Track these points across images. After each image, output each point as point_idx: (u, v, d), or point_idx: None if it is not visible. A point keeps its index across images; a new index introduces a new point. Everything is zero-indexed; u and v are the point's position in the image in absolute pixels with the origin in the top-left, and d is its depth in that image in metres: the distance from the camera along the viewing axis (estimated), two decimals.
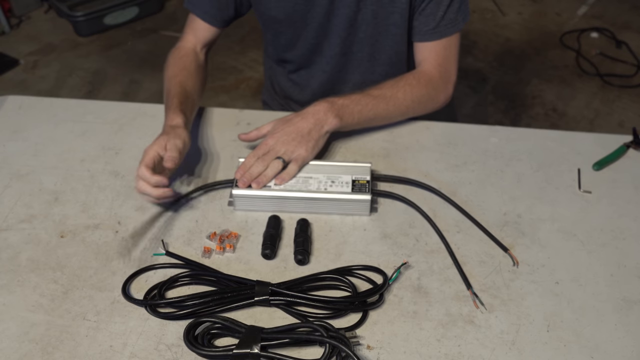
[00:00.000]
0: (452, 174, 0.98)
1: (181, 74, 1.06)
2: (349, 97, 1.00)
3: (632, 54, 2.75)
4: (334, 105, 0.97)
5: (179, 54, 1.11)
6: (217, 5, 1.10)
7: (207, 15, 1.12)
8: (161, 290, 0.78)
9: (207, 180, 0.96)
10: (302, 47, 1.15)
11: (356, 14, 1.08)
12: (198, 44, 1.14)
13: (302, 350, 0.72)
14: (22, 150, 1.02)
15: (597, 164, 1.00)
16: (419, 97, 1.06)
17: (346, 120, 0.98)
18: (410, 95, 1.05)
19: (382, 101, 1.02)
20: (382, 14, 1.07)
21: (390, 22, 1.08)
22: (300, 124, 0.95)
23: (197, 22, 1.13)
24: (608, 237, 0.88)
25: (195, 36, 1.14)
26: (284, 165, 0.92)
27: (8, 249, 0.85)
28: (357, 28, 1.10)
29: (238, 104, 2.42)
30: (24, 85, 2.57)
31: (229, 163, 1.00)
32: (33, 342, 0.73)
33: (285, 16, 1.10)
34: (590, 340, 0.74)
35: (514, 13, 3.11)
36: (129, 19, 2.98)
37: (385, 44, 1.12)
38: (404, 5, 1.06)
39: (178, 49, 1.13)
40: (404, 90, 1.04)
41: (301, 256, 0.82)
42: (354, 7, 1.06)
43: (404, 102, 1.04)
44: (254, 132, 0.99)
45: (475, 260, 0.84)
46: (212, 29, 1.14)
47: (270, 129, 0.97)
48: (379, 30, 1.10)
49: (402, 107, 1.04)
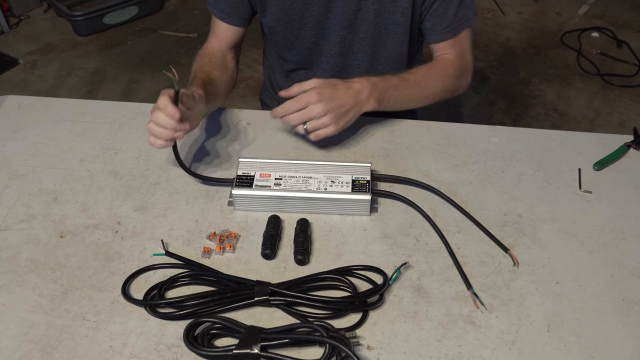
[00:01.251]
0: (452, 174, 0.98)
1: (207, 65, 1.07)
2: (388, 80, 1.01)
3: (633, 54, 2.75)
4: (376, 88, 0.99)
5: (204, 53, 1.12)
6: (233, 3, 1.10)
7: (225, 14, 1.12)
8: (161, 290, 0.78)
9: (207, 179, 0.96)
10: (300, 46, 1.15)
11: (356, 13, 1.08)
12: (222, 46, 1.14)
13: (302, 350, 0.72)
14: (21, 150, 1.02)
15: (598, 163, 0.99)
16: (449, 86, 1.10)
17: (384, 104, 1.01)
18: (442, 85, 1.08)
19: (416, 89, 1.05)
20: (384, 13, 1.07)
21: (392, 21, 1.08)
22: (345, 97, 0.95)
23: (217, 23, 1.14)
24: (608, 237, 0.88)
25: (217, 38, 1.14)
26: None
27: (7, 249, 0.85)
28: (357, 27, 1.10)
29: (238, 104, 2.42)
30: (23, 85, 2.57)
31: (229, 163, 0.99)
32: (32, 342, 0.73)
33: (283, 15, 1.10)
34: (591, 341, 0.74)
35: (515, 13, 3.11)
36: (128, 19, 2.98)
37: (387, 43, 1.12)
38: (406, 4, 1.06)
39: (203, 49, 1.14)
40: (436, 79, 1.08)
41: (301, 256, 0.82)
42: (354, 6, 1.06)
43: (434, 90, 1.08)
44: (295, 87, 0.96)
45: (476, 261, 0.84)
46: (233, 28, 1.13)
47: (317, 85, 0.95)
48: (380, 29, 1.10)
49: (431, 95, 1.08)
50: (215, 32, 1.15)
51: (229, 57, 1.15)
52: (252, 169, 0.92)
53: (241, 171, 0.92)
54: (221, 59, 1.12)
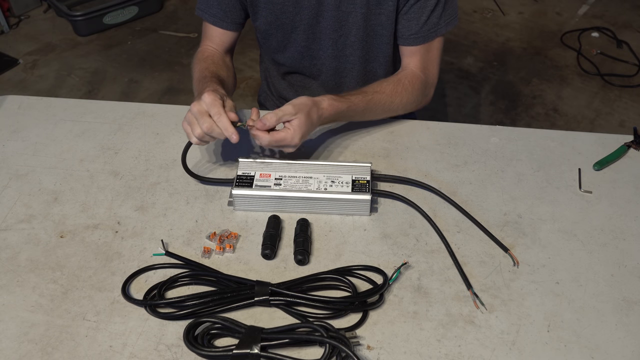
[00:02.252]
0: (452, 174, 0.98)
1: (213, 66, 1.06)
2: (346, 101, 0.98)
3: (633, 54, 2.75)
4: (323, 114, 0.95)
5: (203, 56, 1.11)
6: (225, 7, 1.10)
7: (217, 19, 1.11)
8: (161, 290, 0.78)
9: (207, 180, 0.96)
10: (292, 49, 1.15)
11: (347, 17, 1.07)
12: (218, 50, 1.14)
13: (302, 350, 0.72)
14: (21, 150, 1.02)
15: (598, 163, 0.99)
16: (411, 101, 1.07)
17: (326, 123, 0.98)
18: (406, 100, 1.06)
19: (375, 106, 1.02)
20: (371, 16, 1.07)
21: (378, 23, 1.08)
22: (310, 123, 0.92)
23: (210, 28, 1.13)
24: (608, 237, 0.88)
25: (212, 42, 1.14)
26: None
27: (7, 249, 0.85)
28: (348, 30, 1.10)
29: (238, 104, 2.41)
30: (23, 85, 2.57)
31: (228, 163, 0.99)
32: (32, 342, 0.73)
33: (275, 18, 1.09)
34: (591, 341, 0.74)
35: (515, 13, 3.11)
36: (128, 19, 2.98)
37: (376, 46, 1.12)
38: (390, 7, 1.06)
39: (200, 52, 1.13)
40: (401, 96, 1.05)
41: (301, 256, 0.82)
42: (344, 9, 1.06)
43: (395, 106, 1.05)
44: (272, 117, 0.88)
45: (476, 261, 0.84)
46: (226, 33, 1.13)
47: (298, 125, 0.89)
48: (368, 32, 1.10)
49: (391, 111, 1.06)
50: (210, 37, 1.14)
51: (227, 59, 1.15)
52: (252, 169, 0.92)
53: (241, 171, 0.92)
54: (222, 59, 1.12)
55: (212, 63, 1.08)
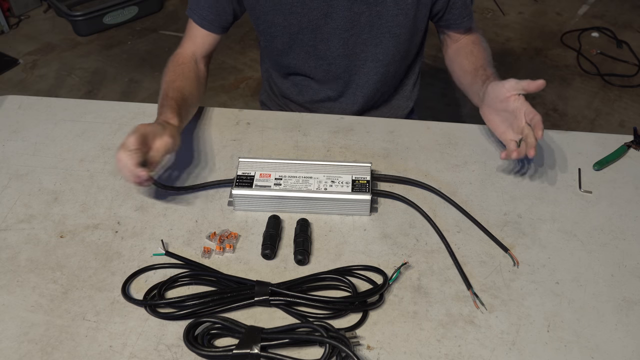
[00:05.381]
0: (452, 174, 0.98)
1: (179, 80, 1.05)
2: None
3: (633, 54, 2.75)
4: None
5: (177, 61, 1.10)
6: (216, 10, 1.10)
7: (206, 21, 1.11)
8: (161, 290, 0.78)
9: (207, 180, 0.96)
10: (299, 50, 1.14)
11: (359, 16, 1.07)
12: (197, 52, 1.13)
13: (302, 350, 0.72)
14: (21, 150, 1.02)
15: (598, 163, 0.99)
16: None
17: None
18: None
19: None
20: (386, 15, 1.07)
21: (395, 23, 1.08)
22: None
23: (195, 29, 1.12)
24: (608, 237, 0.88)
25: (194, 44, 1.13)
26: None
27: (7, 249, 0.85)
28: (360, 30, 1.09)
29: (238, 104, 2.42)
30: (23, 85, 2.57)
31: (228, 163, 1.00)
32: (32, 342, 0.73)
33: (282, 19, 1.09)
34: (591, 341, 0.74)
35: (515, 12, 3.11)
36: (128, 19, 2.98)
37: (389, 45, 1.12)
38: (409, 6, 1.06)
39: (177, 55, 1.11)
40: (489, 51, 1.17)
41: (301, 256, 0.82)
42: (356, 9, 1.06)
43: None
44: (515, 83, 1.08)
45: (476, 261, 0.84)
46: (211, 35, 1.12)
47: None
48: (382, 31, 1.10)
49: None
50: (192, 38, 1.13)
51: (201, 65, 1.13)
52: (252, 169, 0.92)
53: (241, 171, 0.92)
54: (194, 69, 1.10)
55: (181, 74, 1.06)
